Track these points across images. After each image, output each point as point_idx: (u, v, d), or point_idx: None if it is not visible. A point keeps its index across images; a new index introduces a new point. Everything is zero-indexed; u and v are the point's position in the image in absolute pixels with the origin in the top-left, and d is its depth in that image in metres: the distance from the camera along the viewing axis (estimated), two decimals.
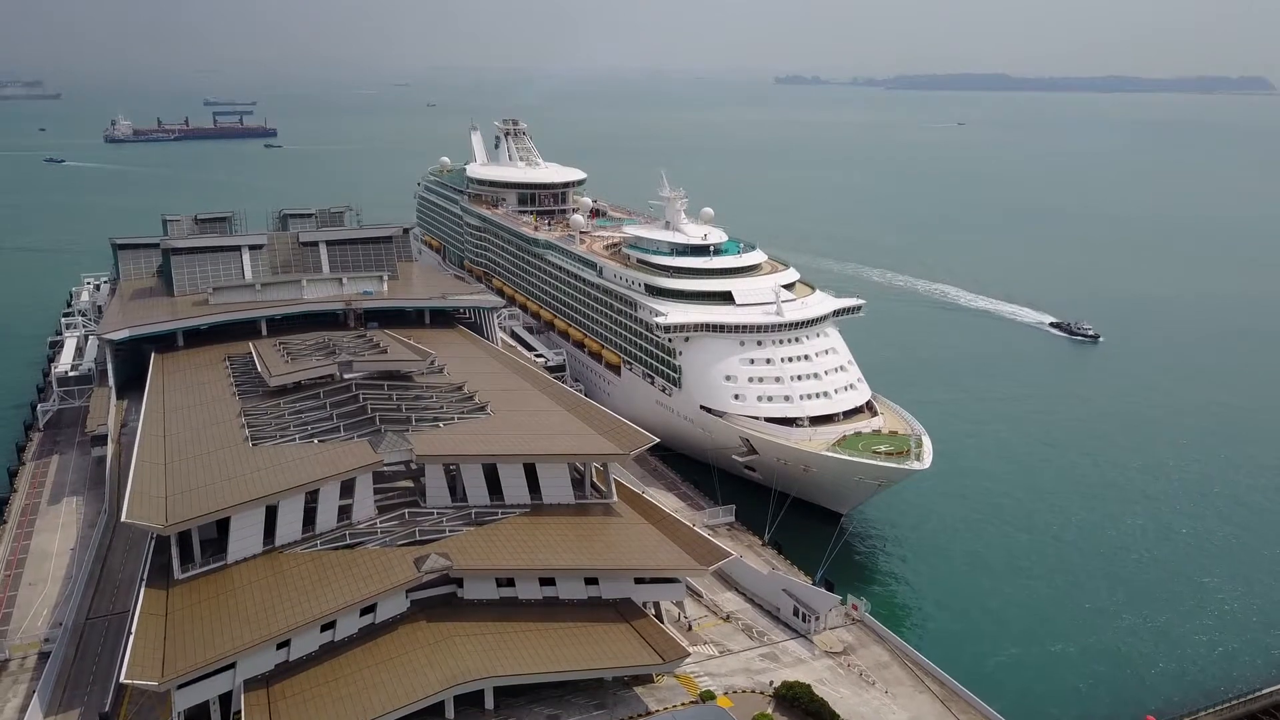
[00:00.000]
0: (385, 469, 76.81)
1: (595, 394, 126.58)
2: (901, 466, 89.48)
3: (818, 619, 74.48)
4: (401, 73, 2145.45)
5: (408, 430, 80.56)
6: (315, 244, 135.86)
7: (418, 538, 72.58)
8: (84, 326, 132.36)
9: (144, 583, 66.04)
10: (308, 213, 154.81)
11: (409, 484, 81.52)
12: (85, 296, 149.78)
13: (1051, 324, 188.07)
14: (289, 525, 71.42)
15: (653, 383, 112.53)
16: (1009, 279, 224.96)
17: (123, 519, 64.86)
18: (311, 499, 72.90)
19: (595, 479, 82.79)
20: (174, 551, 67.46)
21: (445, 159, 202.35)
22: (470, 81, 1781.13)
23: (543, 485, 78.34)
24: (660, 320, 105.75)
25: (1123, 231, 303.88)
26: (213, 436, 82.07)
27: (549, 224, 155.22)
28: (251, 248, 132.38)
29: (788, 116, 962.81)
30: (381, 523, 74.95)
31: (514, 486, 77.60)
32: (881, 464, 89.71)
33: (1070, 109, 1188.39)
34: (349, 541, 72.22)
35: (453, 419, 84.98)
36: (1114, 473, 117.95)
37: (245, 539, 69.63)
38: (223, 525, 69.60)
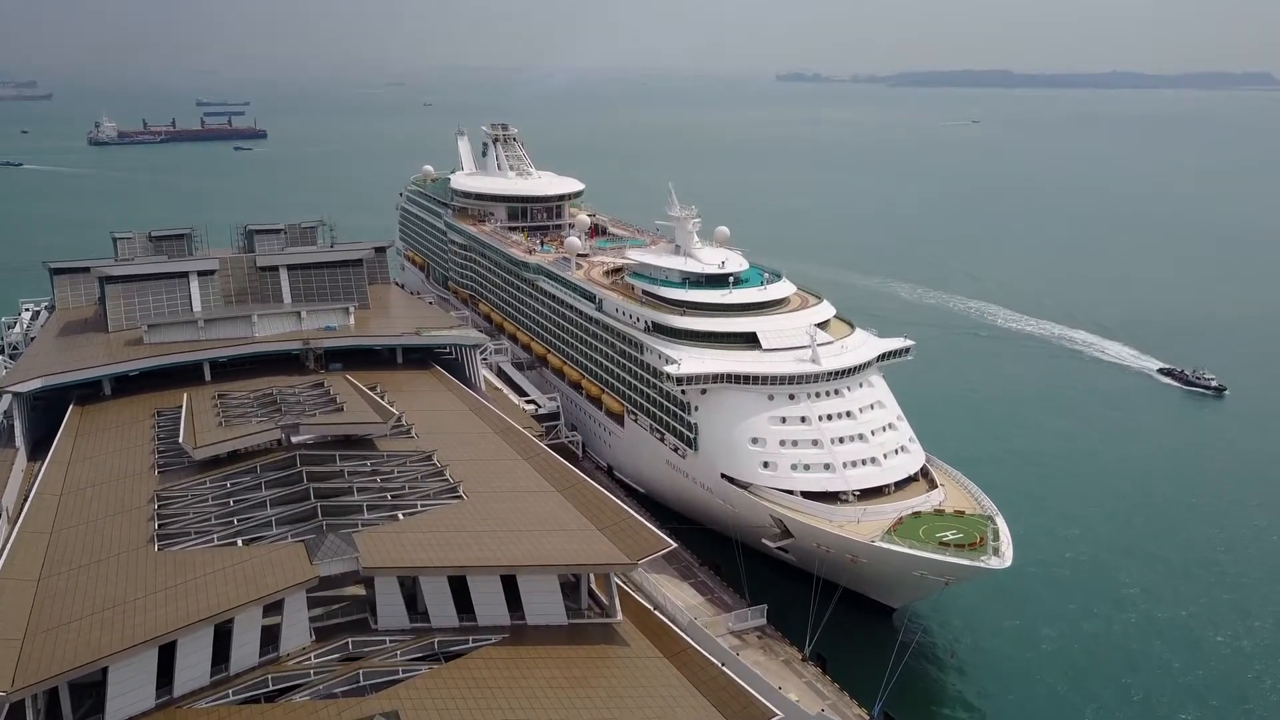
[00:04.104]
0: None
1: (594, 445, 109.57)
2: (976, 564, 71.74)
3: None
4: (398, 71, 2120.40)
5: (356, 528, 63.62)
6: (275, 269, 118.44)
7: (361, 682, 55.49)
8: (5, 367, 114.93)
9: None
10: (276, 228, 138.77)
11: (358, 590, 64.56)
12: (18, 329, 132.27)
13: (1160, 370, 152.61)
14: (192, 669, 54.25)
15: (663, 439, 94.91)
16: (1081, 301, 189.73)
17: None
18: (226, 624, 56.20)
19: (595, 585, 65.77)
20: (30, 714, 50.56)
21: (429, 167, 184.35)
22: (469, 80, 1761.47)
23: (526, 601, 61.12)
24: (672, 370, 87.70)
25: (1209, 246, 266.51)
26: (109, 535, 64.96)
27: (541, 243, 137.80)
28: (201, 274, 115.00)
29: (791, 115, 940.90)
30: (317, 656, 57.82)
31: (489, 604, 60.47)
32: (951, 560, 72.01)
33: (1078, 105, 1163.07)
34: (272, 688, 55.36)
35: (415, 506, 68.09)
36: (1262, 575, 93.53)
37: (130, 693, 52.38)
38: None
